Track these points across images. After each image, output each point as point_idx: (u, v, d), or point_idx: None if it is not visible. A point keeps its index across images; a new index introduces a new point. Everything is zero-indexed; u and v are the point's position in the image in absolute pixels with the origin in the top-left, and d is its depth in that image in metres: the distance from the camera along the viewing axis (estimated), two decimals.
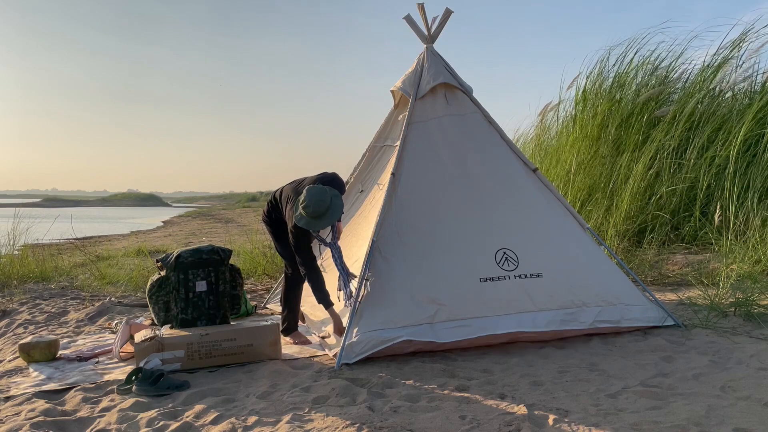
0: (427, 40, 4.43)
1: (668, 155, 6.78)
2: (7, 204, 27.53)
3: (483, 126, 4.32)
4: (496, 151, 4.26)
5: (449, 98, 4.32)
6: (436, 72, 4.32)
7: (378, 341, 3.40)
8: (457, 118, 4.27)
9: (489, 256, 3.78)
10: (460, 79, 4.40)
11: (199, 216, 28.05)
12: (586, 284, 3.83)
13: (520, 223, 3.97)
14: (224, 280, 3.92)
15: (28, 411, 2.82)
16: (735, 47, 7.21)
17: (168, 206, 61.74)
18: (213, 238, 13.14)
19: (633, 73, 7.86)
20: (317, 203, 3.47)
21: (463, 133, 4.24)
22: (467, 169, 4.11)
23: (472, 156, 4.17)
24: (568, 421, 2.47)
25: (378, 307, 3.52)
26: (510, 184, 4.15)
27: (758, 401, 2.62)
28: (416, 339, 3.46)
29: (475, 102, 4.36)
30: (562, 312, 3.70)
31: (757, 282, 4.42)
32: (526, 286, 3.71)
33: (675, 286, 5.15)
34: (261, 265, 7.09)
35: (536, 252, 3.86)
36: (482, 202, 4.01)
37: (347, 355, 3.37)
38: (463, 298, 3.62)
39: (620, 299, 3.86)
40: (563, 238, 4.03)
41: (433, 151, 4.16)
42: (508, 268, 3.75)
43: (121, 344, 3.74)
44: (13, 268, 7.15)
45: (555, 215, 4.13)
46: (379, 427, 2.47)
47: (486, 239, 3.85)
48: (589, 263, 3.97)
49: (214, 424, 2.61)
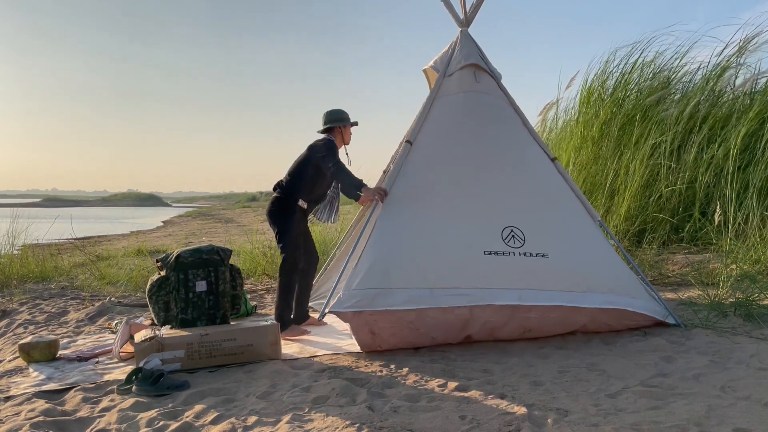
0: (462, 24, 4.52)
1: (668, 155, 6.78)
2: (7, 204, 27.52)
3: (507, 109, 4.37)
4: (517, 133, 4.30)
5: (478, 76, 4.37)
6: (468, 53, 4.39)
7: (371, 299, 3.35)
8: (483, 95, 4.33)
9: (495, 231, 3.76)
10: (491, 65, 4.46)
11: (199, 216, 28.06)
12: (593, 271, 3.80)
13: (530, 205, 3.96)
14: (224, 280, 3.92)
15: (28, 411, 2.82)
16: (738, 49, 7.22)
17: (168, 206, 61.76)
18: (213, 238, 13.15)
19: (637, 75, 7.86)
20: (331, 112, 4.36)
21: (486, 111, 4.28)
22: (485, 145, 4.14)
23: (493, 134, 4.20)
24: (568, 421, 2.47)
25: (378, 268, 3.50)
26: (525, 166, 4.17)
27: (758, 401, 2.62)
28: (413, 307, 3.39)
29: (502, 88, 4.43)
30: (566, 294, 3.64)
31: (757, 282, 4.42)
32: (530, 264, 3.67)
33: (675, 286, 5.15)
34: (261, 265, 7.09)
35: (544, 233, 3.83)
36: (495, 179, 4.01)
37: (338, 304, 3.33)
38: (465, 267, 3.59)
39: (626, 291, 3.84)
40: (573, 225, 4.01)
41: (454, 123, 4.20)
42: (513, 245, 3.72)
43: (121, 344, 3.74)
44: (13, 268, 7.15)
45: (567, 203, 4.13)
46: (379, 427, 2.47)
47: (494, 215, 3.84)
48: (596, 253, 3.95)
49: (214, 424, 2.61)
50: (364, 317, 3.40)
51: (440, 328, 3.56)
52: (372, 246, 3.63)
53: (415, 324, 3.48)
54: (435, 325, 3.53)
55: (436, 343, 3.68)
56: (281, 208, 4.28)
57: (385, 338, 3.54)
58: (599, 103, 7.87)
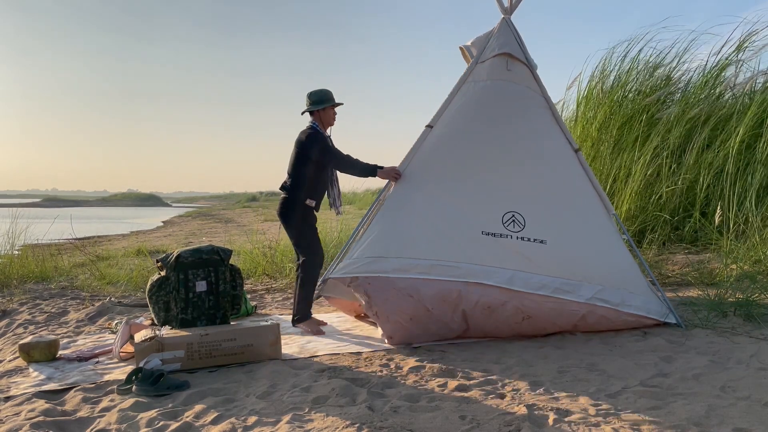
0: (505, 12, 4.58)
1: (668, 155, 6.78)
2: (7, 204, 27.52)
3: (537, 99, 4.41)
4: (541, 124, 4.34)
5: (510, 65, 4.42)
6: (504, 42, 4.45)
7: (367, 265, 3.62)
8: (512, 85, 4.38)
9: (497, 214, 3.88)
10: (528, 55, 4.50)
11: (199, 216, 28.05)
12: (592, 262, 3.85)
13: (539, 193, 4.03)
14: (224, 280, 3.92)
15: (28, 411, 2.82)
16: (737, 47, 7.21)
17: (168, 206, 61.73)
18: (213, 238, 13.14)
19: (634, 74, 7.86)
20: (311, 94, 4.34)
21: (511, 100, 4.35)
22: (502, 134, 4.21)
23: (513, 123, 4.26)
24: (568, 421, 2.47)
25: (378, 240, 3.76)
26: (543, 156, 4.23)
27: (758, 401, 2.62)
28: (403, 276, 3.58)
29: (537, 79, 4.46)
30: (559, 280, 3.70)
31: (757, 282, 4.43)
32: (526, 248, 3.76)
33: (675, 286, 5.15)
34: (261, 265, 7.09)
35: (547, 221, 3.91)
36: (506, 166, 4.10)
37: (336, 272, 3.67)
38: (461, 245, 3.73)
39: (625, 285, 3.87)
40: (582, 216, 4.06)
41: (475, 110, 4.28)
42: (512, 229, 3.83)
43: (121, 344, 3.74)
44: (13, 268, 7.14)
45: (582, 195, 4.18)
46: (379, 427, 2.47)
47: (498, 199, 3.95)
48: (600, 245, 3.99)
49: (214, 424, 2.61)
50: (360, 283, 3.62)
51: (434, 298, 3.62)
52: (377, 222, 3.89)
53: (408, 291, 3.58)
54: (429, 295, 3.60)
55: (434, 319, 3.69)
56: (290, 210, 4.34)
57: (380, 304, 3.63)
58: (598, 102, 7.87)
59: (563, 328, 3.84)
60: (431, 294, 3.60)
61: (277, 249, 7.65)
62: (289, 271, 6.86)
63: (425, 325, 3.70)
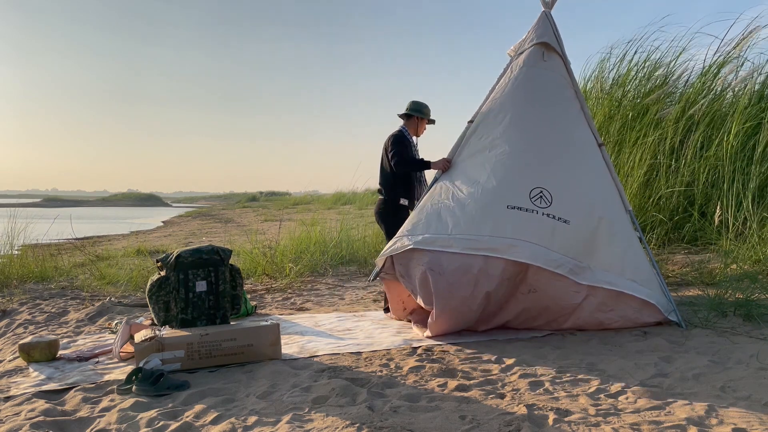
0: (547, 6, 4.74)
1: (667, 155, 6.78)
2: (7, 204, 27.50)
3: (568, 90, 4.54)
4: (571, 114, 4.46)
5: (546, 55, 4.57)
6: (542, 33, 4.62)
7: (399, 244, 3.99)
8: (547, 72, 4.53)
9: (524, 190, 3.98)
10: (563, 48, 4.64)
11: (199, 216, 28.02)
12: (607, 249, 3.93)
13: (566, 176, 4.13)
14: (224, 280, 3.92)
15: (28, 411, 2.82)
16: (735, 45, 7.21)
17: (168, 206, 61.65)
18: (213, 238, 13.13)
19: (633, 73, 7.85)
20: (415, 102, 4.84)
21: (545, 87, 4.50)
22: (536, 117, 4.35)
23: (548, 107, 4.41)
24: (568, 421, 2.48)
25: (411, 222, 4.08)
26: (571, 143, 4.34)
27: (758, 401, 2.62)
28: (427, 248, 3.81)
29: (570, 72, 4.60)
30: (573, 261, 3.80)
31: (757, 282, 4.43)
32: (551, 225, 3.85)
33: (675, 286, 5.15)
34: (261, 265, 7.09)
35: (572, 202, 3.99)
36: (538, 149, 4.22)
37: (382, 254, 4.16)
38: (484, 218, 3.86)
39: (633, 276, 3.93)
40: (603, 205, 4.13)
41: (512, 93, 4.45)
42: (540, 204, 3.93)
43: (121, 344, 3.74)
44: (12, 268, 7.14)
45: (604, 186, 4.26)
46: (379, 427, 2.47)
47: (527, 176, 4.06)
48: (618, 236, 4.05)
49: (214, 424, 2.61)
50: (396, 259, 4.08)
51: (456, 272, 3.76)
52: (418, 208, 4.23)
53: (430, 265, 3.77)
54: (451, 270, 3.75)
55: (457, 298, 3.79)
56: (386, 210, 4.80)
57: (412, 275, 3.96)
58: (596, 102, 7.87)
59: (561, 311, 3.89)
60: (454, 268, 3.75)
61: (277, 249, 7.66)
62: (289, 271, 6.86)
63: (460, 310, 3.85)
